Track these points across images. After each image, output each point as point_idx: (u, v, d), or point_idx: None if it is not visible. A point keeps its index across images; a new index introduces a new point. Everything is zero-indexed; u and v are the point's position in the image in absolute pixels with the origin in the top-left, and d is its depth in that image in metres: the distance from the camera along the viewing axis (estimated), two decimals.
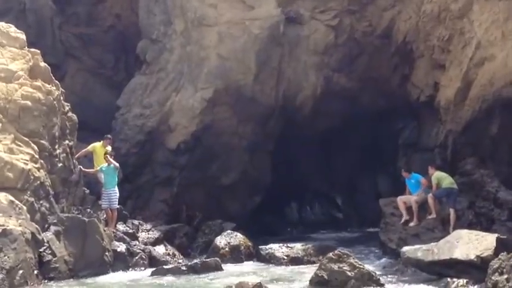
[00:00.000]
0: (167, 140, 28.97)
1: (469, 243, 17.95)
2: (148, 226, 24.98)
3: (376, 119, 32.39)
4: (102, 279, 19.79)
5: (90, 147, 24.53)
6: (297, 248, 23.65)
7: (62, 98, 22.76)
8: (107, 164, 23.25)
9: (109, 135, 25.03)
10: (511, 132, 24.25)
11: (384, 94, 30.17)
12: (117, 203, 23.30)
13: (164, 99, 29.39)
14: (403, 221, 23.10)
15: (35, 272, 18.53)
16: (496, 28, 24.21)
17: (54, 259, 19.70)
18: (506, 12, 23.70)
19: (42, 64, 22.59)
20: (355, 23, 29.77)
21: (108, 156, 23.39)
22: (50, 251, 19.67)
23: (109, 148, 24.26)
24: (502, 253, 16.30)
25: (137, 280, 19.81)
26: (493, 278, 16.13)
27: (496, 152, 24.69)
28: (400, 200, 23.64)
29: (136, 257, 22.13)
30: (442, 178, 23.29)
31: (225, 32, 29.25)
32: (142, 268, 21.81)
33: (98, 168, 23.61)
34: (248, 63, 29.04)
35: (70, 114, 23.57)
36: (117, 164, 23.47)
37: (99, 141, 24.57)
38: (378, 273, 18.86)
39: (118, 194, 23.32)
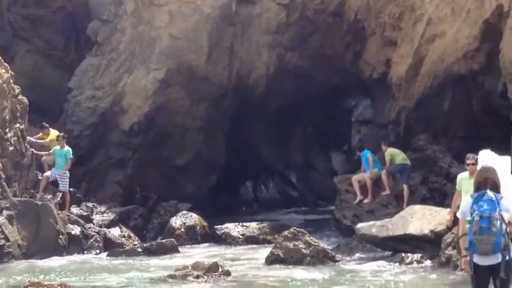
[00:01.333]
0: (120, 122, 28.75)
1: (423, 219, 18.12)
2: (103, 208, 24.81)
3: (330, 96, 32.49)
4: (55, 261, 19.61)
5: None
6: (253, 227, 23.71)
7: (11, 80, 22.42)
8: (59, 147, 23.02)
9: (44, 124, 24.74)
10: (462, 107, 24.53)
11: (336, 72, 30.23)
12: (67, 185, 23.07)
13: (116, 81, 29.14)
14: (357, 201, 23.21)
15: None
16: (446, 4, 24.39)
17: (7, 243, 19.49)
18: None
19: None
20: (307, 1, 29.63)
21: (61, 138, 23.20)
22: (2, 236, 19.46)
23: (53, 132, 24.08)
24: (455, 227, 16.47)
25: (92, 262, 19.67)
26: (446, 252, 16.39)
27: (448, 128, 24.95)
28: (355, 179, 23.71)
29: (91, 240, 21.98)
30: (395, 154, 23.43)
31: (176, 12, 29.01)
32: (98, 251, 21.68)
33: (51, 151, 23.38)
34: (200, 42, 28.88)
35: (20, 97, 23.22)
36: (69, 148, 23.28)
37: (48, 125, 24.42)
38: (333, 250, 18.97)
39: (69, 176, 23.11)
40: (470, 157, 14.58)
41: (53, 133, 24.25)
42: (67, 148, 23.08)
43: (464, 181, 14.55)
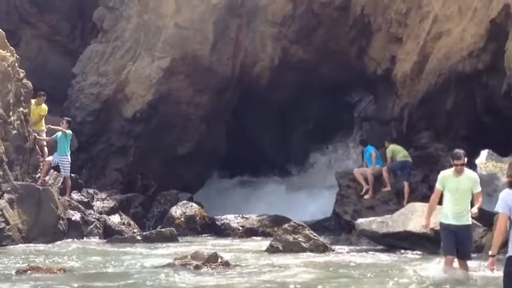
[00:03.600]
0: (123, 109, 28.76)
1: (423, 216, 18.03)
2: (103, 195, 24.86)
3: (333, 91, 32.46)
4: (55, 246, 19.65)
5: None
6: (252, 218, 23.75)
7: (16, 64, 22.40)
8: (61, 133, 23.04)
9: (42, 92, 24.02)
10: (466, 107, 24.54)
11: (341, 67, 30.19)
12: (69, 170, 23.10)
13: (120, 68, 29.14)
14: (364, 191, 23.26)
15: None
16: (453, 3, 24.41)
17: (7, 227, 19.52)
18: None
19: None
20: None
21: (66, 123, 23.23)
22: (3, 219, 19.48)
23: (44, 107, 23.86)
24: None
25: (91, 248, 19.70)
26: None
27: (451, 126, 24.97)
28: (357, 171, 23.79)
29: (91, 226, 22.06)
30: (397, 151, 23.48)
31: (182, 1, 29.01)
32: (97, 237, 21.72)
33: (54, 136, 23.37)
34: (206, 32, 28.89)
35: (25, 81, 23.20)
36: (70, 132, 23.30)
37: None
38: (332, 244, 19.01)
39: (70, 162, 23.13)
40: (461, 157, 13.60)
41: (44, 108, 23.93)
42: (69, 132, 23.10)
43: (450, 180, 13.78)
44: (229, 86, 29.91)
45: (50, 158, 23.04)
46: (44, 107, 23.88)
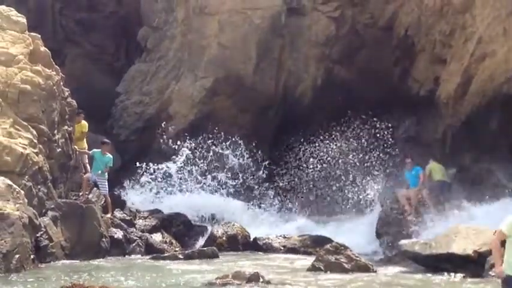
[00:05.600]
0: (166, 128, 28.90)
1: (467, 238, 17.98)
2: (146, 213, 24.93)
3: (376, 112, 32.28)
4: (97, 263, 19.74)
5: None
6: (294, 238, 23.69)
7: (61, 83, 22.66)
8: (100, 150, 23.14)
9: (80, 110, 24.21)
10: (510, 128, 24.28)
11: (384, 87, 30.08)
12: (107, 189, 23.14)
13: (164, 87, 29.37)
14: (406, 214, 23.13)
15: (32, 256, 18.46)
16: (498, 24, 24.18)
17: (50, 244, 19.65)
18: (509, 8, 23.64)
19: (43, 49, 22.47)
20: (357, 15, 29.65)
21: (105, 144, 23.31)
22: (46, 236, 19.61)
23: (84, 123, 23.97)
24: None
25: (133, 265, 19.76)
26: (490, 273, 16.19)
27: (495, 148, 24.72)
28: (402, 195, 23.64)
29: (133, 244, 22.11)
30: (435, 170, 23.40)
31: (226, 21, 29.18)
32: (139, 255, 21.78)
33: (91, 152, 23.41)
34: (249, 52, 29.01)
35: (69, 99, 23.46)
36: (110, 156, 23.38)
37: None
38: (374, 264, 18.89)
39: (106, 180, 23.17)
40: None
41: (84, 124, 24.09)
42: (109, 156, 23.20)
43: None
44: (272, 105, 29.93)
45: (89, 174, 23.17)
46: (84, 123, 24.06)
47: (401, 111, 33.29)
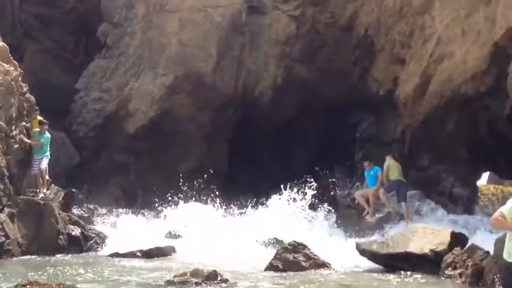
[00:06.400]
0: (125, 125, 28.79)
1: (424, 237, 18.09)
2: (104, 211, 24.81)
3: (335, 111, 32.46)
4: (54, 261, 19.57)
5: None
6: None
7: (20, 78, 22.41)
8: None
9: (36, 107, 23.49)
10: (467, 129, 24.56)
11: (343, 87, 30.24)
12: (45, 165, 22.70)
13: (123, 84, 29.24)
14: (364, 213, 23.25)
15: None
16: (457, 25, 24.44)
17: (7, 241, 19.44)
18: (467, 9, 23.92)
19: (1, 43, 22.15)
20: (317, 14, 29.78)
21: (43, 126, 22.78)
22: (3, 233, 19.39)
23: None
24: (456, 248, 16.54)
25: (90, 263, 19.62)
26: (446, 272, 16.34)
27: (453, 149, 24.97)
28: (358, 194, 23.77)
29: (91, 242, 21.97)
30: (392, 168, 23.55)
31: (186, 18, 29.12)
32: (97, 252, 21.62)
33: (42, 139, 22.88)
34: (209, 50, 28.98)
35: (28, 95, 23.16)
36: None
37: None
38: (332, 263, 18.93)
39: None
40: None
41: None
42: (47, 134, 22.77)
43: None
44: (231, 104, 29.94)
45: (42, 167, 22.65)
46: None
47: (361, 110, 33.57)
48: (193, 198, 26.55)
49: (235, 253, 20.36)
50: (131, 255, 20.90)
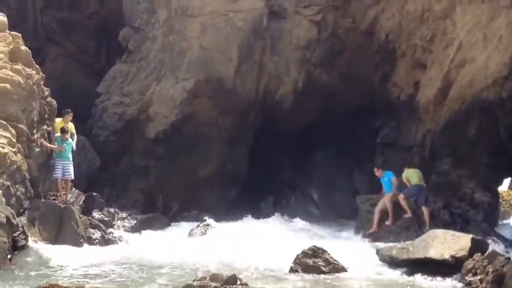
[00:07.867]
0: (146, 129, 28.88)
1: (444, 243, 18.03)
2: (124, 214, 24.91)
3: (355, 116, 32.39)
4: (75, 263, 19.60)
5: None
6: None
7: (41, 82, 22.54)
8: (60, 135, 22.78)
9: (69, 109, 23.83)
10: (488, 134, 24.45)
11: (364, 92, 30.19)
12: (72, 174, 22.79)
13: (144, 88, 29.30)
14: (371, 231, 23.32)
15: (9, 256, 18.36)
16: (478, 30, 24.35)
17: (28, 244, 19.54)
18: (489, 15, 23.83)
19: (23, 48, 22.33)
20: (338, 19, 29.74)
21: (64, 133, 22.82)
22: (24, 236, 19.49)
23: (70, 124, 23.68)
24: (476, 254, 16.46)
25: (109, 266, 19.68)
26: (466, 278, 16.27)
27: (474, 154, 24.86)
28: (377, 209, 23.79)
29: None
30: (411, 175, 23.50)
31: (208, 23, 29.16)
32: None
33: (64, 144, 22.93)
34: (230, 55, 29.01)
35: (49, 99, 23.32)
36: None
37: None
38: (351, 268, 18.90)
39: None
40: None
41: (71, 126, 23.79)
42: (69, 140, 22.88)
43: None
44: (252, 108, 29.95)
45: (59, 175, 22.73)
46: (71, 125, 23.79)
47: (381, 115, 33.46)
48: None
49: (254, 257, 20.35)
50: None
